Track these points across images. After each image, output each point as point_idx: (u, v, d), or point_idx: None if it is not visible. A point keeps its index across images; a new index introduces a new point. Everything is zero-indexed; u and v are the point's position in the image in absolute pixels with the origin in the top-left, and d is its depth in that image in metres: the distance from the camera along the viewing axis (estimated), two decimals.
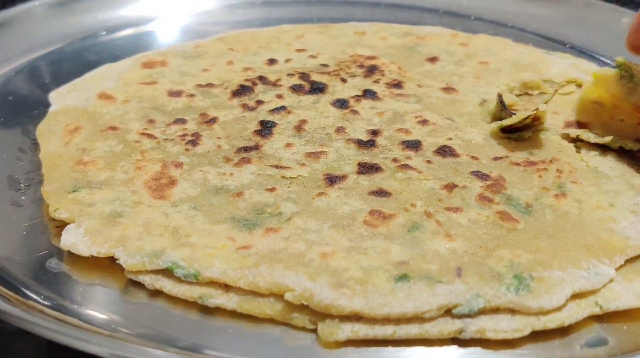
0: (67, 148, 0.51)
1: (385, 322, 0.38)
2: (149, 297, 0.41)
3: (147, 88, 0.59)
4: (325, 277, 0.39)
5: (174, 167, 0.49)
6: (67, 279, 0.42)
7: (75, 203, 0.45)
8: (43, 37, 0.69)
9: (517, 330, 0.38)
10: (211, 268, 0.40)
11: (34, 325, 0.36)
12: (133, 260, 0.41)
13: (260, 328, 0.39)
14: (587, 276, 0.40)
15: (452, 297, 0.38)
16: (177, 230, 0.43)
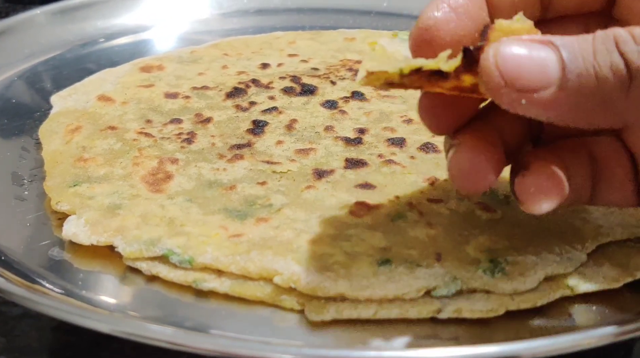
0: (68, 146, 0.54)
1: (368, 303, 0.40)
2: (146, 282, 0.43)
3: (144, 90, 0.62)
4: (312, 262, 0.42)
5: (170, 163, 0.51)
6: (68, 266, 0.44)
7: (76, 197, 0.48)
8: (44, 43, 0.72)
9: (492, 310, 0.40)
10: (204, 255, 0.43)
11: (38, 303, 0.38)
12: (131, 248, 0.44)
13: (251, 310, 0.41)
14: (559, 260, 0.42)
15: (431, 279, 0.41)
16: (173, 221, 0.45)
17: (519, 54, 0.32)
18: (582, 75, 0.32)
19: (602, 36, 0.32)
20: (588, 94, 0.32)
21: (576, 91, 0.32)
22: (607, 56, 0.32)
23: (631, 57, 0.32)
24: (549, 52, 0.32)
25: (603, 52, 0.32)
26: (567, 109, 0.33)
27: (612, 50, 0.32)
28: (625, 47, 0.32)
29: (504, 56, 0.32)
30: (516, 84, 0.32)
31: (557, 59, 0.32)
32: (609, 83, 0.32)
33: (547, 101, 0.32)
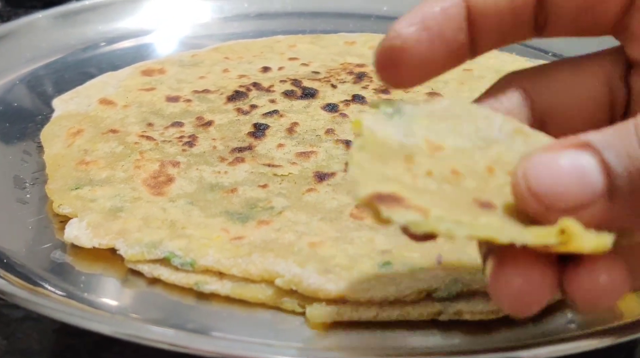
0: (70, 149, 0.54)
1: (369, 305, 0.40)
2: (147, 285, 0.43)
3: (146, 94, 0.62)
4: (313, 264, 0.42)
5: (171, 166, 0.51)
6: (70, 269, 0.44)
7: (78, 200, 0.48)
8: (46, 47, 0.72)
9: (493, 312, 0.40)
10: (206, 257, 0.43)
11: (40, 306, 0.38)
12: (133, 250, 0.44)
13: (252, 312, 0.41)
14: None
15: (432, 281, 0.41)
16: (174, 223, 0.46)
17: (550, 170, 0.27)
18: (633, 176, 0.27)
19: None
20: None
21: (631, 196, 0.27)
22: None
23: None
24: (587, 158, 0.27)
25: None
26: (626, 216, 0.27)
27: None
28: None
29: (535, 176, 0.27)
30: (556, 206, 0.27)
31: (597, 163, 0.27)
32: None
33: (598, 215, 0.27)
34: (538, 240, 0.26)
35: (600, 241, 0.26)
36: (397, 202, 0.26)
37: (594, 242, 0.26)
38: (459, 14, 0.33)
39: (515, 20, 0.34)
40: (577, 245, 0.26)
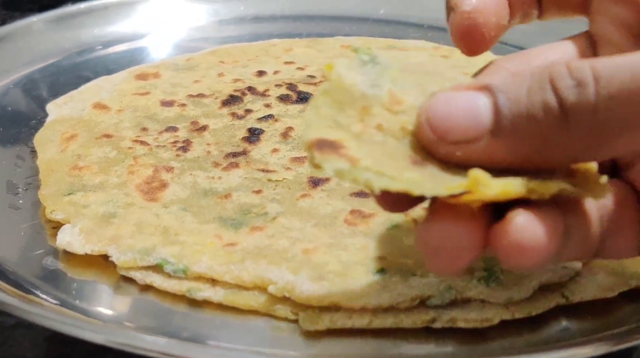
0: (64, 154, 0.54)
1: (363, 313, 0.40)
2: (140, 292, 0.43)
3: (140, 98, 0.62)
4: (306, 271, 0.41)
5: (165, 171, 0.51)
6: (62, 276, 0.44)
7: (71, 205, 0.48)
8: (41, 51, 0.72)
9: (487, 320, 0.40)
10: (199, 264, 0.42)
11: (32, 313, 0.38)
12: (125, 257, 0.43)
13: (245, 319, 0.41)
14: (554, 269, 0.42)
15: (425, 288, 0.41)
16: (167, 230, 0.45)
17: (448, 106, 0.30)
18: (515, 119, 0.29)
19: (539, 73, 0.30)
20: (524, 137, 0.30)
21: (511, 136, 0.30)
22: (539, 94, 0.29)
23: (564, 94, 0.29)
24: (482, 99, 0.30)
25: (536, 90, 0.29)
26: (506, 154, 0.30)
27: (546, 88, 0.29)
28: (559, 83, 0.29)
29: (434, 109, 0.30)
30: (448, 138, 0.30)
31: (490, 104, 0.30)
32: (542, 123, 0.29)
33: (482, 150, 0.30)
34: (448, 191, 0.29)
35: (505, 186, 0.29)
36: (334, 150, 0.28)
37: (498, 187, 0.29)
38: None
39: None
40: (482, 192, 0.28)
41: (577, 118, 0.29)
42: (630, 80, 0.28)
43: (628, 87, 0.28)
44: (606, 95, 0.28)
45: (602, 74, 0.29)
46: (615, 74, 0.28)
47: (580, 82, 0.29)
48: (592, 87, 0.29)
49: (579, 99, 0.29)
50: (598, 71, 0.29)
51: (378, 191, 0.28)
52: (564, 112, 0.29)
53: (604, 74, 0.29)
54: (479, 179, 0.28)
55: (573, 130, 0.29)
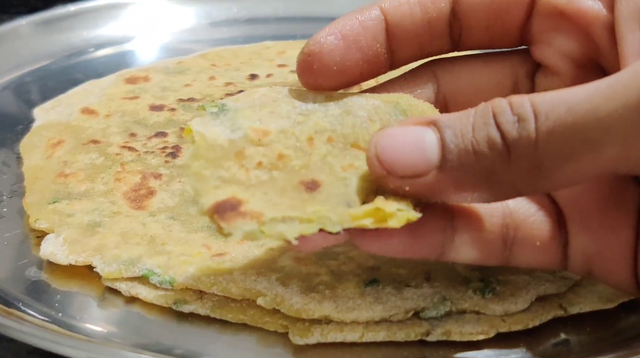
0: (49, 161, 0.52)
1: (355, 326, 0.39)
2: (125, 303, 0.42)
3: (129, 103, 0.60)
4: (296, 282, 0.40)
5: (153, 178, 0.50)
6: (46, 287, 0.43)
7: (55, 214, 0.46)
8: (29, 54, 0.71)
9: (482, 332, 0.39)
10: (186, 275, 0.41)
11: (13, 330, 0.37)
12: (110, 268, 0.42)
13: (234, 333, 0.40)
14: (552, 280, 0.41)
15: (419, 300, 0.39)
16: (154, 239, 0.44)
17: (396, 141, 0.31)
18: (462, 154, 0.30)
19: (482, 109, 0.31)
20: (470, 172, 0.31)
21: (457, 171, 0.31)
22: (484, 130, 0.30)
23: (506, 128, 0.30)
24: (429, 134, 0.31)
25: (480, 126, 0.30)
26: (452, 188, 0.31)
27: (489, 123, 0.30)
28: (501, 118, 0.30)
29: (383, 144, 0.31)
30: (396, 172, 0.31)
31: (437, 139, 0.31)
32: (487, 158, 0.30)
33: (429, 184, 0.31)
34: (355, 222, 0.30)
35: (409, 216, 0.31)
36: (234, 210, 0.29)
37: (404, 218, 0.31)
38: (376, 26, 0.37)
39: (431, 32, 0.38)
40: (392, 224, 0.31)
41: (519, 152, 0.30)
42: (566, 115, 0.29)
43: (564, 122, 0.29)
44: (545, 131, 0.29)
45: (541, 109, 0.29)
46: (552, 109, 0.29)
47: (521, 117, 0.30)
48: (532, 123, 0.29)
49: (520, 134, 0.29)
50: (537, 106, 0.29)
51: (295, 241, 0.29)
52: (507, 146, 0.30)
53: (542, 109, 0.29)
54: (383, 211, 0.31)
55: (515, 164, 0.30)
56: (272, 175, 0.32)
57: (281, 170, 0.32)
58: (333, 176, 0.32)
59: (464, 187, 0.31)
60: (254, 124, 0.34)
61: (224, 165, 0.32)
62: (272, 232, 0.29)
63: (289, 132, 0.34)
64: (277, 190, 0.31)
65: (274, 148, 0.33)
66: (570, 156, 0.29)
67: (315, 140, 0.34)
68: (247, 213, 0.29)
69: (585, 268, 0.36)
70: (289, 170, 0.32)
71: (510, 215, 0.35)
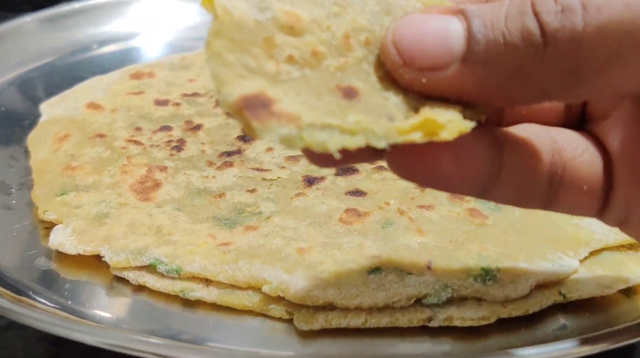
0: (57, 155, 0.53)
1: (358, 312, 0.40)
2: (133, 292, 0.42)
3: (134, 98, 0.61)
4: (301, 270, 0.41)
5: (158, 171, 0.51)
6: (55, 276, 0.44)
7: (63, 206, 0.47)
8: (34, 51, 0.71)
9: (483, 318, 0.39)
10: (192, 264, 0.42)
11: (23, 316, 0.37)
12: (118, 257, 0.43)
13: (239, 319, 0.41)
14: (552, 267, 0.42)
15: (421, 287, 0.40)
16: (161, 229, 0.45)
17: (418, 29, 0.27)
18: (490, 45, 0.27)
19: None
20: (497, 66, 0.27)
21: (483, 64, 0.27)
22: (519, 19, 0.26)
23: (546, 19, 0.26)
24: (455, 23, 0.27)
25: (515, 15, 0.26)
26: (475, 85, 0.27)
27: (526, 12, 0.26)
28: (541, 7, 0.26)
29: (403, 31, 0.28)
30: (414, 63, 0.27)
31: (463, 29, 0.27)
32: (519, 51, 0.26)
33: (450, 78, 0.27)
34: (402, 137, 0.26)
35: (462, 127, 0.27)
36: (267, 108, 0.25)
37: (457, 129, 0.27)
38: None
39: None
40: (444, 135, 0.27)
41: (558, 46, 0.26)
42: (623, 11, 0.25)
43: (620, 19, 0.25)
44: (595, 25, 0.25)
45: (592, 0, 0.26)
46: (606, 2, 0.26)
47: (567, 7, 0.26)
48: (579, 14, 0.26)
49: (563, 26, 0.26)
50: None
51: (337, 154, 0.25)
52: (545, 39, 0.26)
53: (593, 1, 0.26)
54: (434, 122, 0.27)
55: (552, 61, 0.26)
56: (304, 73, 0.27)
57: (315, 68, 0.28)
58: (370, 86, 0.28)
59: (487, 85, 0.27)
60: (285, 6, 0.29)
61: (250, 51, 0.27)
62: (313, 140, 0.25)
63: (323, 25, 0.29)
64: (311, 91, 0.27)
65: (307, 41, 0.28)
66: (619, 59, 0.26)
67: (352, 39, 0.29)
68: (283, 114, 0.25)
69: (622, 218, 0.33)
70: (323, 70, 0.28)
71: (559, 152, 0.32)
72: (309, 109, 0.26)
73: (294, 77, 0.27)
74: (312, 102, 0.26)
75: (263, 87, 0.25)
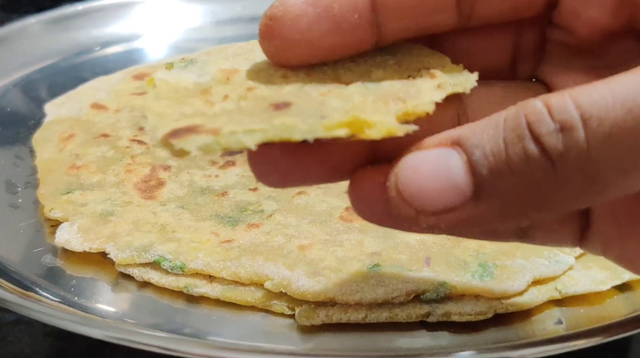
0: (62, 154, 0.54)
1: (358, 308, 0.41)
2: (138, 288, 0.43)
3: (138, 98, 0.62)
4: (302, 267, 0.42)
5: (162, 170, 0.52)
6: (61, 273, 0.44)
7: (69, 204, 0.48)
8: (38, 52, 0.72)
9: (481, 313, 0.40)
10: (196, 261, 0.43)
11: (30, 310, 0.38)
12: (123, 254, 0.44)
13: (242, 315, 0.41)
14: (547, 264, 0.43)
15: (420, 283, 0.41)
16: (165, 227, 0.46)
17: (418, 173, 0.26)
18: (497, 178, 0.25)
19: (512, 117, 0.25)
20: (512, 197, 0.26)
21: (496, 196, 0.26)
22: (518, 146, 0.25)
23: (548, 142, 0.24)
24: (454, 158, 0.26)
25: (513, 140, 0.25)
26: (498, 217, 0.26)
27: (524, 136, 0.25)
28: (539, 129, 0.24)
29: (403, 180, 0.26)
30: (427, 210, 0.26)
31: (463, 163, 0.26)
32: (528, 176, 0.25)
33: (469, 216, 0.26)
34: (327, 132, 0.26)
35: (392, 127, 0.26)
36: (191, 131, 0.25)
37: (385, 129, 0.26)
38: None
39: (433, 1, 0.30)
40: (371, 134, 0.26)
41: (568, 167, 0.25)
42: (625, 117, 0.24)
43: (624, 126, 0.24)
44: (600, 139, 0.24)
45: (592, 112, 0.24)
46: (606, 110, 0.24)
47: (565, 126, 0.24)
48: (581, 131, 0.24)
49: (566, 147, 0.24)
50: (584, 109, 0.24)
51: (254, 146, 0.25)
52: (551, 162, 0.25)
53: (593, 112, 0.24)
54: (363, 120, 0.26)
55: (565, 180, 0.25)
56: (239, 105, 0.28)
57: (250, 99, 0.28)
58: (309, 98, 0.28)
59: (509, 214, 0.26)
60: (224, 66, 0.30)
61: (187, 102, 0.28)
62: (229, 141, 0.25)
63: (262, 71, 0.29)
64: (244, 115, 0.27)
65: (244, 83, 0.29)
66: (634, 167, 0.25)
67: (290, 75, 0.29)
68: (204, 130, 0.25)
69: (600, 251, 0.33)
70: (258, 98, 0.28)
71: None
72: (235, 123, 0.26)
73: (228, 110, 0.27)
74: (241, 120, 0.26)
75: (195, 122, 0.26)
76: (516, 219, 0.27)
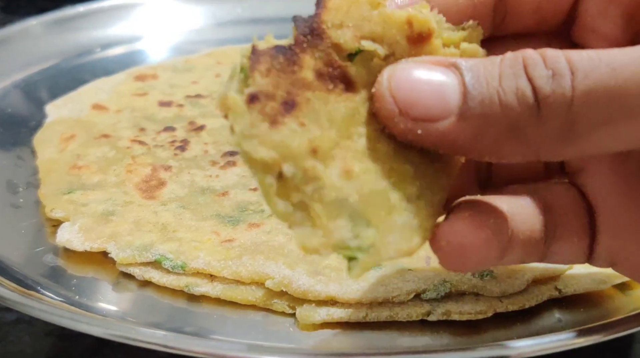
0: (63, 154, 0.54)
1: (359, 306, 0.41)
2: (138, 287, 0.43)
3: (138, 99, 0.62)
4: (303, 266, 0.42)
5: (163, 170, 0.52)
6: (62, 272, 0.45)
7: (70, 204, 0.48)
8: (39, 54, 0.72)
9: (481, 312, 0.40)
10: (197, 260, 0.43)
11: (32, 308, 0.38)
12: (124, 253, 0.44)
13: (242, 314, 0.42)
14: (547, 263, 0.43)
15: (420, 282, 0.41)
16: (166, 227, 0.46)
17: (416, 79, 0.28)
18: (485, 102, 0.28)
19: (511, 58, 0.28)
20: (492, 123, 0.28)
21: (478, 120, 0.28)
22: (513, 80, 0.27)
23: (539, 83, 0.27)
24: (450, 77, 0.28)
25: (509, 75, 0.28)
26: (469, 139, 0.28)
27: (519, 74, 0.27)
28: (534, 71, 0.27)
29: (400, 80, 0.28)
30: (411, 113, 0.28)
31: (458, 83, 0.28)
32: (514, 111, 0.27)
33: (446, 131, 0.28)
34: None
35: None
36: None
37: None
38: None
39: (474, 16, 0.33)
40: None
41: (551, 110, 0.27)
42: (609, 76, 0.27)
43: (606, 84, 0.27)
44: (583, 90, 0.27)
45: (579, 66, 0.27)
46: (592, 68, 0.27)
47: (556, 72, 0.27)
48: (568, 80, 0.27)
49: (554, 90, 0.27)
50: (574, 63, 0.27)
51: None
52: (537, 102, 0.27)
53: (580, 67, 0.27)
54: None
55: (546, 122, 0.27)
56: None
57: None
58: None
59: (482, 141, 0.28)
60: None
61: None
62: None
63: None
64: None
65: None
66: (607, 121, 0.27)
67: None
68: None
69: (608, 263, 0.35)
70: None
71: (550, 210, 0.34)
72: None
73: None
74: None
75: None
76: (489, 148, 0.29)
